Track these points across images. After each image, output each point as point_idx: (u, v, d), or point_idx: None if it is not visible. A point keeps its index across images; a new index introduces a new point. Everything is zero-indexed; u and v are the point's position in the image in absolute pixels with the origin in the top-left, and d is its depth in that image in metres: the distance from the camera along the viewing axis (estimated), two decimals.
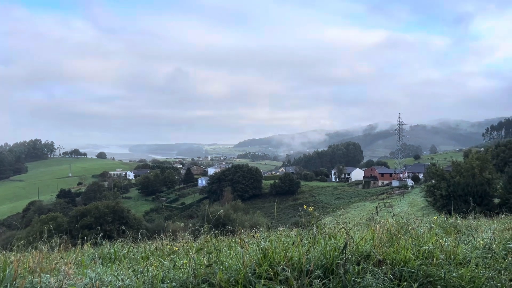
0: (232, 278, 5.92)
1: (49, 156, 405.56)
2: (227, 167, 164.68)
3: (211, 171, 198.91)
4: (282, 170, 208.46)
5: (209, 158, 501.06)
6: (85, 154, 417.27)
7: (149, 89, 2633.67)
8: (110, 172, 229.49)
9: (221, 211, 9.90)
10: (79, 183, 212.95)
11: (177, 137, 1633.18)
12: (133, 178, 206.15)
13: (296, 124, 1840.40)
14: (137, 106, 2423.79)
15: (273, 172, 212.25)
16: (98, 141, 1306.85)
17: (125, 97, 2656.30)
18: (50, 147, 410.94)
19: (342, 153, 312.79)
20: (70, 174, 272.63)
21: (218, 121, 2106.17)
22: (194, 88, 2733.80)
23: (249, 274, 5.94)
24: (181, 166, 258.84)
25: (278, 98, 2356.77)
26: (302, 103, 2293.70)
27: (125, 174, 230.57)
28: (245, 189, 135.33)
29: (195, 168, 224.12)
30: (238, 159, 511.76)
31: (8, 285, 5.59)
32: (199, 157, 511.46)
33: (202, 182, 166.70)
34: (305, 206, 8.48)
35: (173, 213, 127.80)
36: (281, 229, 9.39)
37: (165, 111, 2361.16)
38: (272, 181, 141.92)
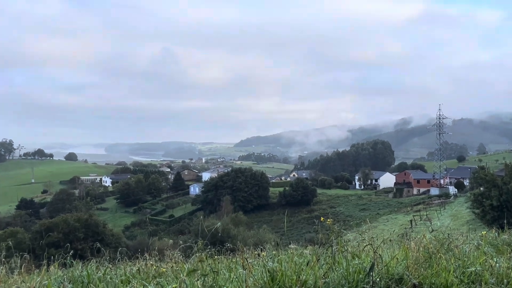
0: None
1: (6, 158, 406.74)
2: (226, 171, 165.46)
3: (206, 176, 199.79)
4: (294, 175, 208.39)
5: (203, 160, 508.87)
6: (51, 156, 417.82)
7: (130, 75, 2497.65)
8: (82, 178, 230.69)
9: (219, 224, 9.88)
10: (44, 191, 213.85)
11: (165, 134, 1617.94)
12: (110, 185, 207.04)
13: (311, 118, 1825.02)
14: (115, 97, 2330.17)
15: (283, 178, 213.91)
16: (67, 139, 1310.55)
17: (100, 86, 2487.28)
18: (8, 146, 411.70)
19: (368, 154, 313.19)
20: (32, 180, 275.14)
21: (215, 115, 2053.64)
22: (185, 74, 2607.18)
23: None
24: (169, 170, 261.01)
25: (289, 86, 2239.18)
26: (318, 92, 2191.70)
27: (101, 179, 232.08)
28: (248, 198, 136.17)
29: (186, 172, 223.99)
30: (239, 162, 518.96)
31: None
32: (192, 159, 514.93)
33: (195, 190, 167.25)
34: (322, 219, 8.50)
35: (160, 228, 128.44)
36: (292, 246, 9.37)
37: (150, 103, 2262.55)
38: (281, 189, 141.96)
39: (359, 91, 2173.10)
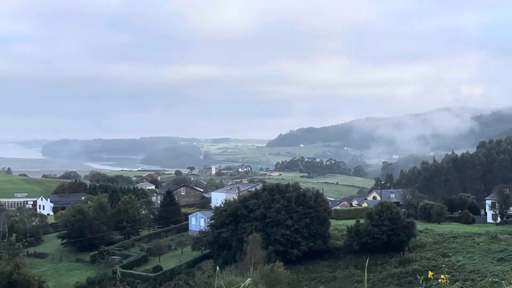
0: None
1: None
2: (254, 190, 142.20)
3: (217, 198, 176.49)
4: (375, 198, 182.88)
5: (213, 171, 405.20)
6: None
7: (83, 22, 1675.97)
8: (2, 200, 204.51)
9: (248, 282, 8.28)
10: None
11: (145, 125, 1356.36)
12: (52, 213, 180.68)
13: (406, 97, 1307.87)
14: (58, 59, 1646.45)
15: (355, 202, 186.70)
16: None
17: (34, 39, 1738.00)
18: None
19: (511, 160, 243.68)
20: None
21: (233, 92, 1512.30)
22: (181, 20, 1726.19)
23: None
24: (153, 187, 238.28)
25: (366, 38, 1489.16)
26: (419, 48, 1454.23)
27: (35, 203, 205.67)
28: (292, 238, 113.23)
29: (183, 191, 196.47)
30: (276, 173, 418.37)
31: None
32: (193, 168, 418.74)
33: (198, 222, 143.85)
34: (430, 274, 8.33)
35: None
36: None
37: (119, 70, 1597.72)
38: (352, 222, 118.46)
39: (495, 47, 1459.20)
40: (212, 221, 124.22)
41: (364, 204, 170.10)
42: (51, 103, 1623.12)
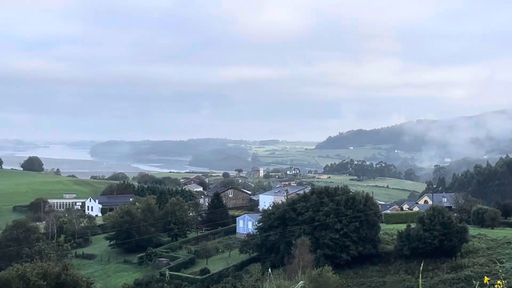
0: None
1: None
2: (302, 192, 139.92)
3: (265, 200, 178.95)
4: (426, 202, 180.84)
5: (261, 173, 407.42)
6: None
7: (134, 23, 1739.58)
8: (52, 201, 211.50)
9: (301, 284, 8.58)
10: None
11: (193, 127, 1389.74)
12: (100, 215, 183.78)
13: (459, 98, 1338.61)
14: (109, 59, 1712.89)
15: (406, 206, 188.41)
16: (27, 134, 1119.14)
17: (81, 41, 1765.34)
18: None
19: None
20: None
21: (281, 94, 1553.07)
22: (228, 21, 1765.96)
23: None
24: (200, 189, 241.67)
25: (418, 39, 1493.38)
26: (473, 48, 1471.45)
27: (83, 204, 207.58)
28: (341, 242, 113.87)
29: (231, 194, 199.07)
30: (325, 176, 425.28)
31: None
32: (241, 171, 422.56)
33: (246, 225, 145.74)
34: (486, 280, 8.01)
35: None
36: None
37: (169, 70, 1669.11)
38: (402, 226, 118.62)
39: None
40: (260, 224, 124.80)
41: (415, 208, 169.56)
42: (99, 104, 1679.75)
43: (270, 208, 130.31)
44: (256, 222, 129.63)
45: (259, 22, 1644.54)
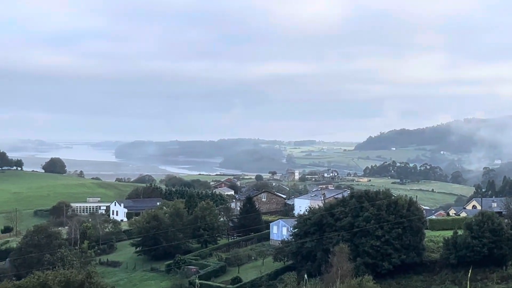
0: None
1: None
2: (340, 196, 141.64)
3: (301, 204, 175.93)
4: (474, 207, 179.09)
5: (297, 175, 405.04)
6: (19, 164, 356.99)
7: (163, 17, 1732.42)
8: (75, 205, 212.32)
9: None
10: (6, 229, 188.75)
11: (223, 127, 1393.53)
12: (125, 219, 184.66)
13: (509, 96, 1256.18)
14: (136, 55, 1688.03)
15: (452, 211, 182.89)
16: (48, 134, 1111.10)
17: (106, 35, 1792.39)
18: None
19: None
20: None
21: (317, 91, 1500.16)
22: (259, 14, 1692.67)
23: None
24: (232, 192, 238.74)
25: (467, 33, 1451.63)
26: None
27: (108, 209, 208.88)
28: (383, 250, 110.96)
29: (264, 197, 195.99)
30: (365, 179, 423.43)
31: None
32: (274, 173, 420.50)
33: (280, 231, 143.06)
34: None
35: None
36: None
37: (198, 67, 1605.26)
38: (449, 233, 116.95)
39: None
40: (295, 230, 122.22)
41: (463, 214, 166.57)
42: (125, 103, 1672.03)
43: (306, 213, 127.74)
44: (291, 228, 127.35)
45: (296, 16, 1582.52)
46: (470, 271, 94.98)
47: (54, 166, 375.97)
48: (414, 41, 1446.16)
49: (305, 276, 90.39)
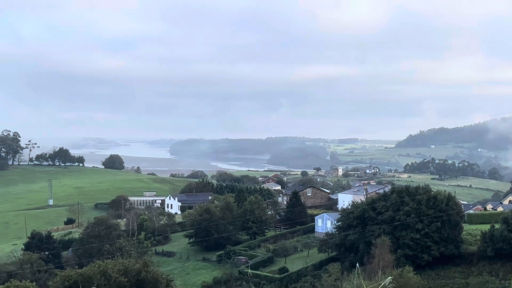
0: None
1: (9, 163, 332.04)
2: (382, 191, 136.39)
3: (344, 199, 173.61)
4: (511, 202, 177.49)
5: (340, 172, 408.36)
6: (80, 160, 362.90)
7: (214, 21, 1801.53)
8: (133, 199, 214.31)
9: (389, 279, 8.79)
10: (69, 221, 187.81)
11: (271, 126, 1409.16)
12: (179, 213, 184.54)
13: None
14: (189, 58, 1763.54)
15: (490, 206, 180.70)
16: (107, 132, 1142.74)
17: (162, 40, 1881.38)
18: (11, 144, 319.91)
19: None
20: (50, 202, 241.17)
21: (359, 91, 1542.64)
22: (307, 19, 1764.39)
23: None
24: (278, 187, 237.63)
25: (504, 34, 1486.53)
26: None
27: (163, 202, 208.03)
28: (423, 242, 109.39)
29: (309, 192, 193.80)
30: (405, 175, 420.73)
31: None
32: (319, 169, 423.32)
33: (324, 224, 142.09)
34: None
35: None
36: None
37: (248, 68, 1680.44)
38: (486, 227, 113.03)
39: None
40: (339, 223, 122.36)
41: (499, 208, 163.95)
42: (179, 103, 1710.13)
43: (349, 207, 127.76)
44: (335, 221, 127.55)
45: (340, 19, 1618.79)
46: (506, 264, 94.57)
47: (113, 162, 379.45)
48: (452, 43, 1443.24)
49: (358, 265, 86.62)
